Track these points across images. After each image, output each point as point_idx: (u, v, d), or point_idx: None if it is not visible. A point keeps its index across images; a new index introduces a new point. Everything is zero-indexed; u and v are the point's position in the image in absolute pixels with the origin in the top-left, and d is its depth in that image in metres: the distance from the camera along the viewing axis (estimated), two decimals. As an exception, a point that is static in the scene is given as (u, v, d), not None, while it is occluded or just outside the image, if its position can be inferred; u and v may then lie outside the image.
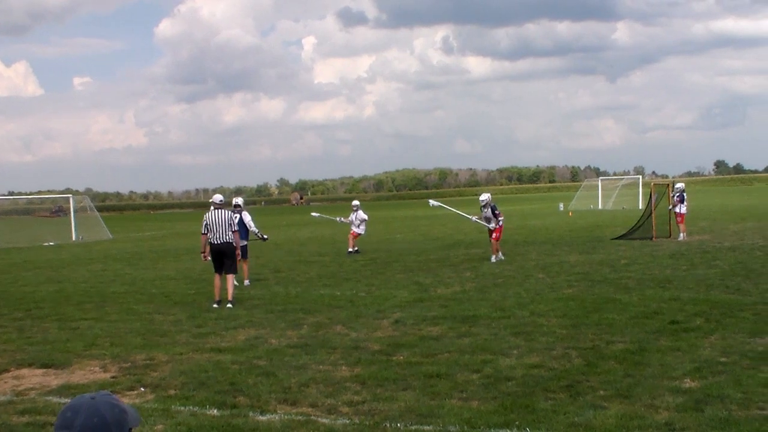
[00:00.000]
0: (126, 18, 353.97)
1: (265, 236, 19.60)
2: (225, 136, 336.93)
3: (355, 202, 27.08)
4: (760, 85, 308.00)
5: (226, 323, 12.47)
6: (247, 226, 17.91)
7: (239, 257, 15.34)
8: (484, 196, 21.33)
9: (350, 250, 25.53)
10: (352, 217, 26.00)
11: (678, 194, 26.04)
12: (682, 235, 25.44)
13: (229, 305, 14.17)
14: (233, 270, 14.76)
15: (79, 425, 2.47)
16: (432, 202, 26.26)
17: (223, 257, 14.65)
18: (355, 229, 25.93)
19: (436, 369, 8.73)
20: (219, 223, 14.65)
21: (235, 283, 16.65)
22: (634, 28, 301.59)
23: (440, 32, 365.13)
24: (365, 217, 26.18)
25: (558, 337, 10.28)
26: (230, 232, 14.64)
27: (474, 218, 22.47)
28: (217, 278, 14.68)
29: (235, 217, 15.44)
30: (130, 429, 2.60)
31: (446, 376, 8.42)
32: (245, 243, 17.54)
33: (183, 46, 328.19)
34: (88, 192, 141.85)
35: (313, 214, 30.57)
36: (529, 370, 8.52)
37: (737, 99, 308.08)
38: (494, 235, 20.99)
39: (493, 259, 20.73)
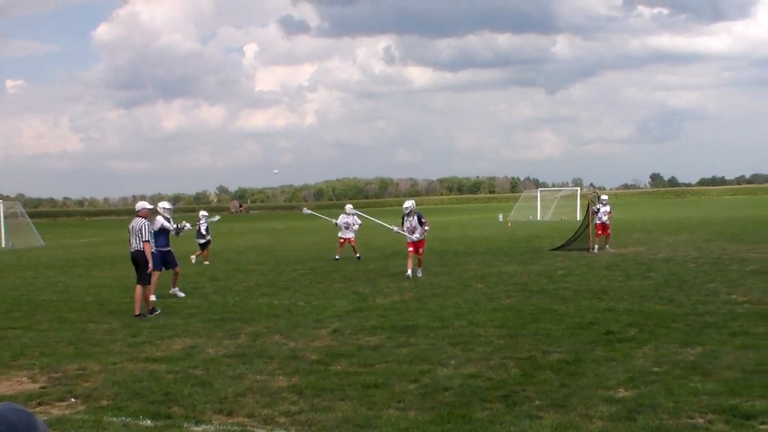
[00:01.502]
0: (62, 21, 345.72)
1: (187, 225, 18.10)
2: (164, 143, 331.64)
3: (350, 206, 27.00)
4: (695, 101, 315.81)
5: (162, 332, 12.27)
6: (169, 229, 16.64)
7: (150, 269, 14.49)
8: (409, 203, 20.09)
9: (337, 257, 25.67)
10: (348, 220, 25.93)
11: (608, 205, 26.52)
12: (607, 247, 26.00)
13: (137, 316, 13.94)
14: (142, 281, 14.31)
15: None
16: (305, 210, 26.36)
17: (135, 266, 14.51)
18: (345, 234, 25.93)
19: (373, 379, 8.70)
20: (133, 231, 14.51)
21: (180, 294, 16.43)
22: (573, 41, 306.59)
23: (382, 42, 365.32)
24: (360, 222, 26.20)
25: (495, 347, 10.34)
26: (140, 242, 14.38)
27: (395, 229, 20.53)
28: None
29: (151, 224, 14.96)
30: None
31: (384, 386, 8.40)
32: (168, 249, 16.59)
33: (122, 51, 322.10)
34: (20, 197, 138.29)
35: (305, 210, 29.93)
36: (467, 380, 8.54)
37: (673, 114, 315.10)
38: (420, 250, 19.60)
39: (419, 273, 19.52)
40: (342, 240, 26.03)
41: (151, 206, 15.20)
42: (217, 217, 17.04)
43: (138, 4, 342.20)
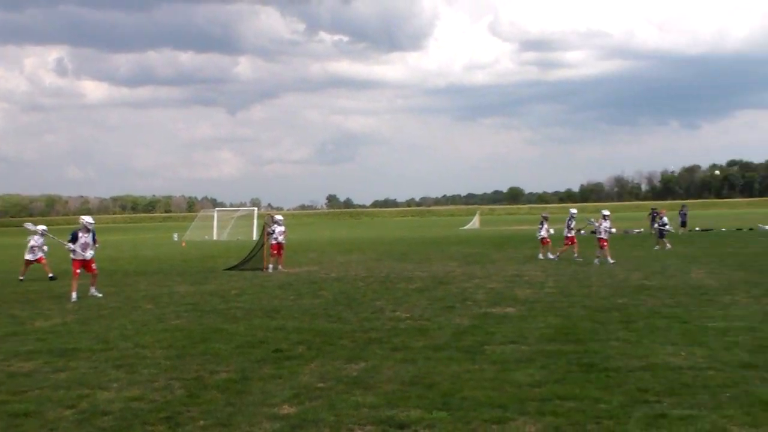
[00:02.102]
0: None
1: None
2: None
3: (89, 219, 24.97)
4: (370, 125, 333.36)
5: None
6: None
7: None
8: (92, 219, 19.37)
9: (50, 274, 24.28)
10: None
11: (284, 225, 27.11)
12: (279, 266, 26.54)
13: None
14: None
15: None
16: (29, 225, 24.97)
17: None
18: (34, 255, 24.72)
19: (24, 407, 8.04)
20: None
21: None
22: (256, 63, 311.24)
23: (54, 53, 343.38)
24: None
25: (162, 368, 10.02)
26: None
27: (69, 246, 18.73)
28: None
29: None
30: None
31: (35, 414, 7.79)
32: None
33: None
34: None
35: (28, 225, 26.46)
36: (128, 403, 8.18)
37: (349, 137, 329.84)
38: (93, 266, 18.95)
39: (96, 292, 18.86)
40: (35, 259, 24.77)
41: None
42: None
43: None
